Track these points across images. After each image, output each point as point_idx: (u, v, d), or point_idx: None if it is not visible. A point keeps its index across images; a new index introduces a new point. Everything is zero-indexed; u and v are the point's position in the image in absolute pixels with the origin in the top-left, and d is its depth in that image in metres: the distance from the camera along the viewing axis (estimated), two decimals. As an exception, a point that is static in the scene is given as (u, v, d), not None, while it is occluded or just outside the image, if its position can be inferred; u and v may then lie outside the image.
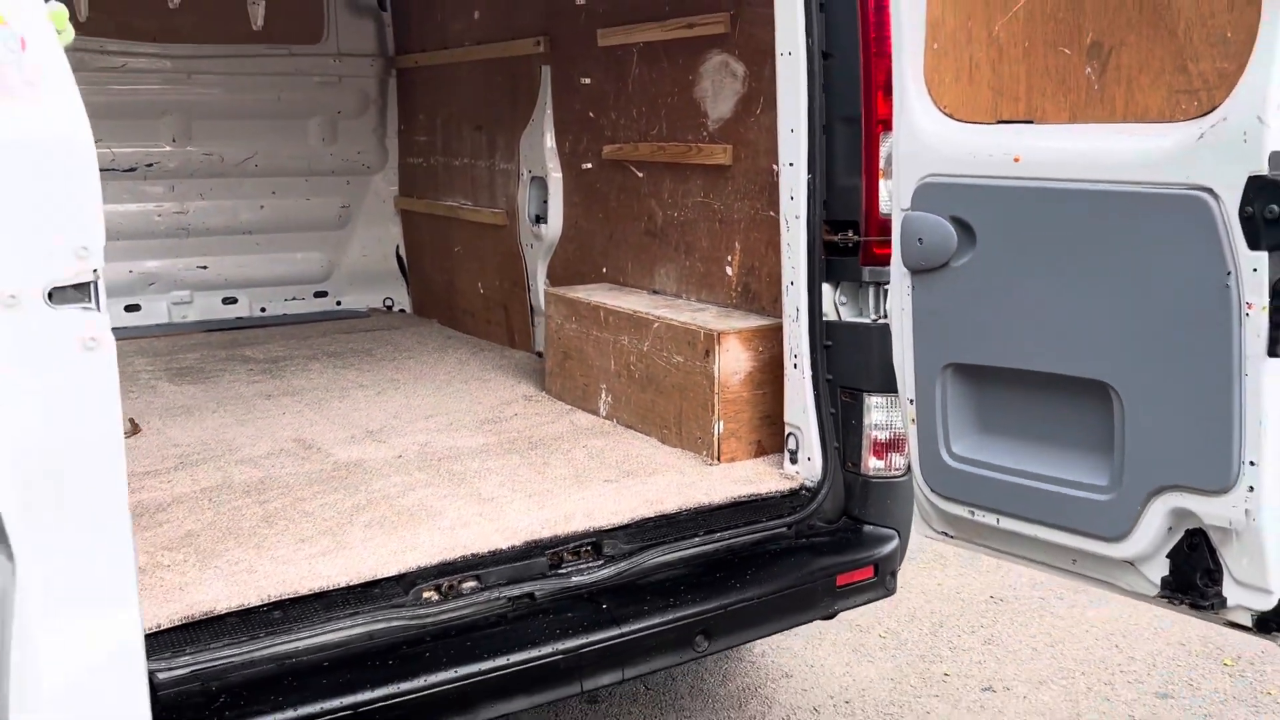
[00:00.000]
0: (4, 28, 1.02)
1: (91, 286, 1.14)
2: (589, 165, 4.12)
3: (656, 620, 2.48)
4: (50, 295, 1.12)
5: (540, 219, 4.38)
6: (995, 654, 3.59)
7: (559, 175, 4.30)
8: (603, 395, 3.63)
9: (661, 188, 3.74)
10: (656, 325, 3.34)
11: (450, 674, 2.22)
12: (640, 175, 3.84)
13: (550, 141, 4.31)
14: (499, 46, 4.48)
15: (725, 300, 3.47)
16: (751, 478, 2.99)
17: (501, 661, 2.27)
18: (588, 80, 4.07)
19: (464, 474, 3.03)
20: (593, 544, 2.61)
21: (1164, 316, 2.04)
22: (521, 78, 4.42)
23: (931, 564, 4.26)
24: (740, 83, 3.33)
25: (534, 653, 2.31)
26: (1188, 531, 2.11)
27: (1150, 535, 2.16)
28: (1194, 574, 2.11)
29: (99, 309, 1.13)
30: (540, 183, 4.37)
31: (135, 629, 1.51)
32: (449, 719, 2.23)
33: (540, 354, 4.45)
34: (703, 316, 3.31)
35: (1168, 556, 2.16)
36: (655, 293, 3.79)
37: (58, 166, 1.10)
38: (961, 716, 3.22)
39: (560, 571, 2.54)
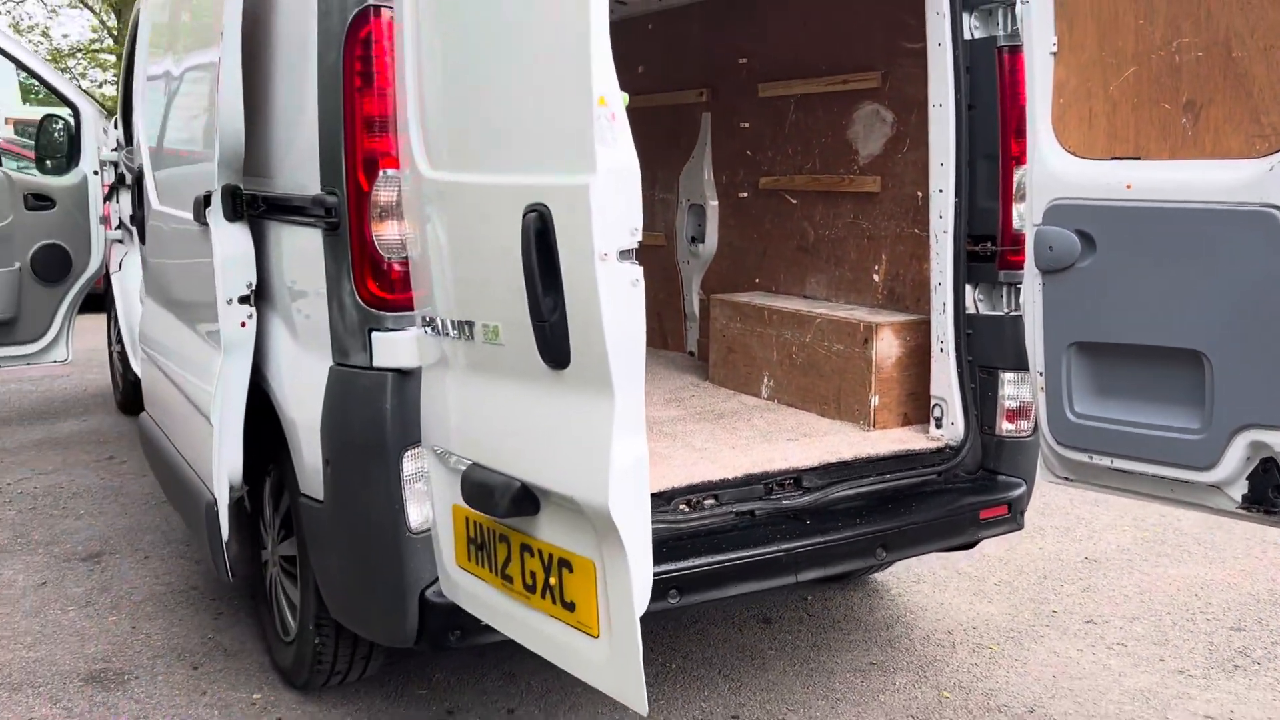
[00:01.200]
0: (604, 107, 1.85)
1: (634, 250, 1.97)
2: (745, 194, 4.95)
3: (848, 534, 3.26)
4: (620, 255, 1.95)
5: (696, 240, 5.22)
6: (1093, 598, 4.32)
7: (715, 203, 5.14)
8: (765, 381, 4.44)
9: (814, 211, 4.56)
10: (818, 320, 4.15)
11: (706, 560, 3.01)
12: (794, 201, 4.66)
13: (708, 175, 5.15)
14: (664, 96, 5.35)
15: (872, 302, 4.27)
16: (904, 439, 3.77)
17: (741, 554, 3.06)
18: (746, 124, 4.91)
19: (675, 433, 3.84)
20: (794, 478, 3.41)
21: (1243, 300, 2.80)
22: (683, 122, 5.27)
23: (1032, 534, 4.99)
24: (889, 126, 4.15)
25: (762, 550, 3.10)
26: (1263, 460, 2.85)
27: (1233, 464, 2.90)
28: (1267, 490, 2.85)
29: (637, 263, 1.96)
30: (698, 209, 5.21)
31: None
32: (707, 591, 3.01)
33: (692, 353, 5.27)
34: (857, 313, 4.11)
35: (1247, 479, 2.90)
36: (807, 297, 4.60)
37: (630, 183, 1.93)
38: (1069, 640, 3.95)
39: (772, 497, 3.33)
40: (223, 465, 3.16)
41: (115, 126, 6.72)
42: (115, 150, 6.66)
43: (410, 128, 2.52)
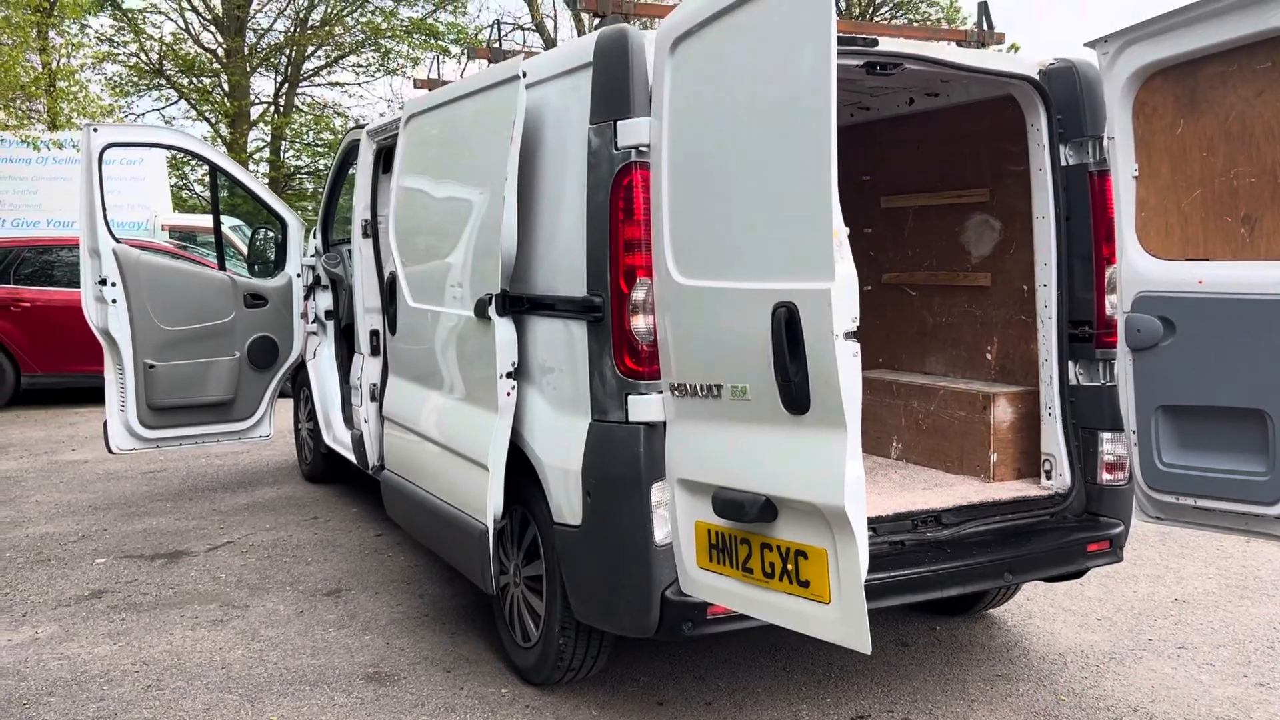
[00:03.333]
0: (837, 237, 2.81)
1: (855, 332, 2.94)
2: (869, 287, 5.88)
3: (982, 559, 4.08)
4: (846, 335, 2.91)
5: (825, 326, 6.14)
6: (1183, 630, 5.04)
7: (842, 295, 6.07)
8: (894, 443, 5.30)
9: (932, 301, 5.47)
10: (941, 391, 5.02)
11: (872, 576, 3.85)
12: (914, 294, 5.58)
13: (835, 271, 6.09)
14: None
15: (986, 377, 5.14)
16: (1020, 489, 4.60)
17: (899, 573, 3.90)
18: (869, 230, 5.86)
19: (828, 483, 4.71)
20: (934, 517, 4.25)
21: (1295, 367, 3.62)
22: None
23: (1127, 580, 5.72)
24: (997, 233, 5.07)
25: (915, 570, 3.94)
26: (1319, 495, 3.63)
27: (1294, 499, 3.69)
28: (1323, 520, 3.63)
29: (856, 341, 2.94)
30: (826, 300, 6.13)
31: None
32: (874, 600, 3.83)
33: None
34: (975, 385, 4.98)
35: (1307, 512, 3.68)
36: (927, 373, 5.48)
37: (853, 287, 2.87)
38: (1164, 660, 4.68)
39: (917, 531, 4.18)
40: (491, 502, 4.11)
41: (314, 236, 7.90)
42: (313, 256, 7.83)
43: (664, 247, 3.50)
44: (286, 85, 31.39)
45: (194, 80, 29.72)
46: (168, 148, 7.42)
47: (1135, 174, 4.29)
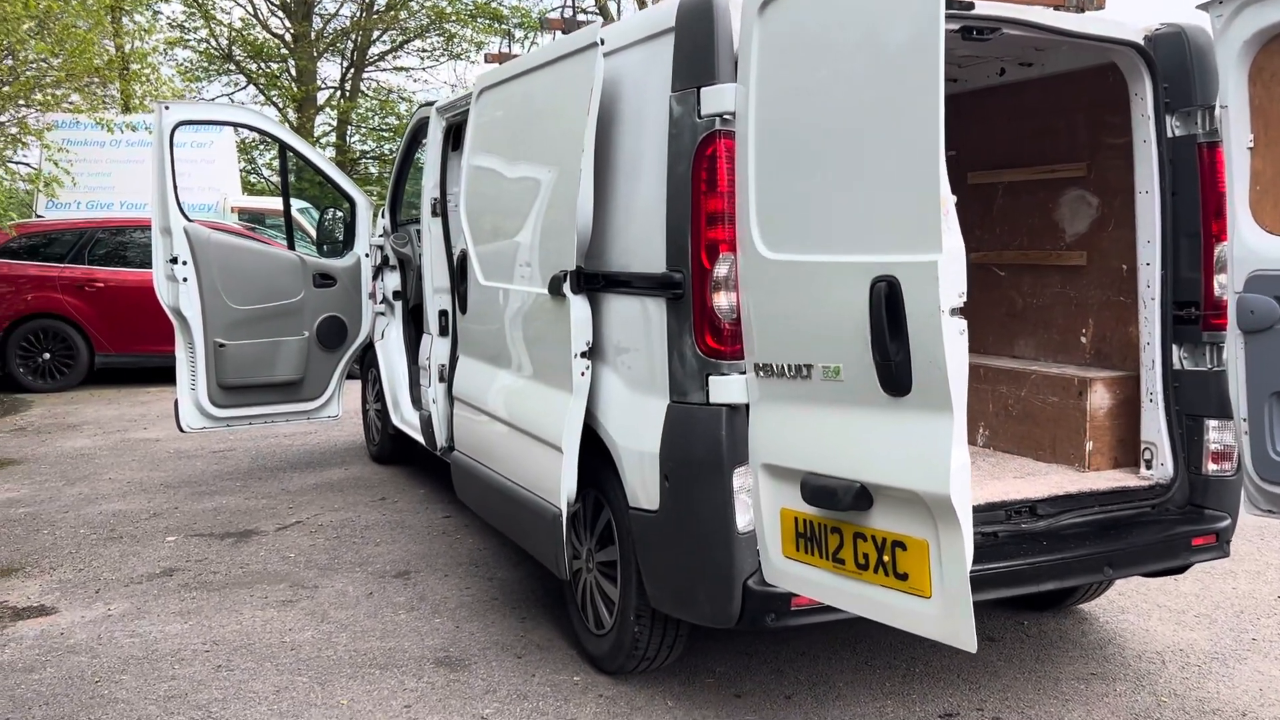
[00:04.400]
0: (947, 204, 2.62)
1: (961, 308, 2.75)
2: (953, 268, 5.64)
3: (1080, 552, 3.86)
4: (952, 311, 2.73)
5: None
6: (1291, 630, 4.77)
7: (923, 275, 5.84)
8: (980, 430, 5.08)
9: (1021, 282, 5.22)
10: (1033, 376, 4.79)
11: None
12: (1002, 274, 5.34)
13: (917, 251, 5.86)
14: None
15: (1080, 361, 4.89)
16: (1118, 478, 4.36)
17: (993, 565, 3.70)
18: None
19: (913, 470, 4.51)
20: (1028, 507, 4.03)
21: None
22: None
23: (1225, 576, 5.44)
24: (1094, 209, 4.81)
25: (1010, 563, 3.74)
26: None
27: None
28: None
29: (963, 317, 2.76)
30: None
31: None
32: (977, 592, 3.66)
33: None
34: (1069, 370, 4.74)
35: None
36: (1016, 357, 5.24)
37: (960, 259, 2.70)
38: (1272, 662, 4.42)
39: (1011, 522, 3.97)
40: (565, 485, 3.99)
41: (382, 216, 7.85)
42: (381, 236, 7.78)
43: (749, 220, 3.33)
44: (352, 70, 31.61)
45: (262, 65, 30.04)
46: (238, 126, 7.43)
47: (1250, 145, 4.03)
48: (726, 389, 3.48)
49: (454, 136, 6.58)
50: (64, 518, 6.71)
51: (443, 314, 6.51)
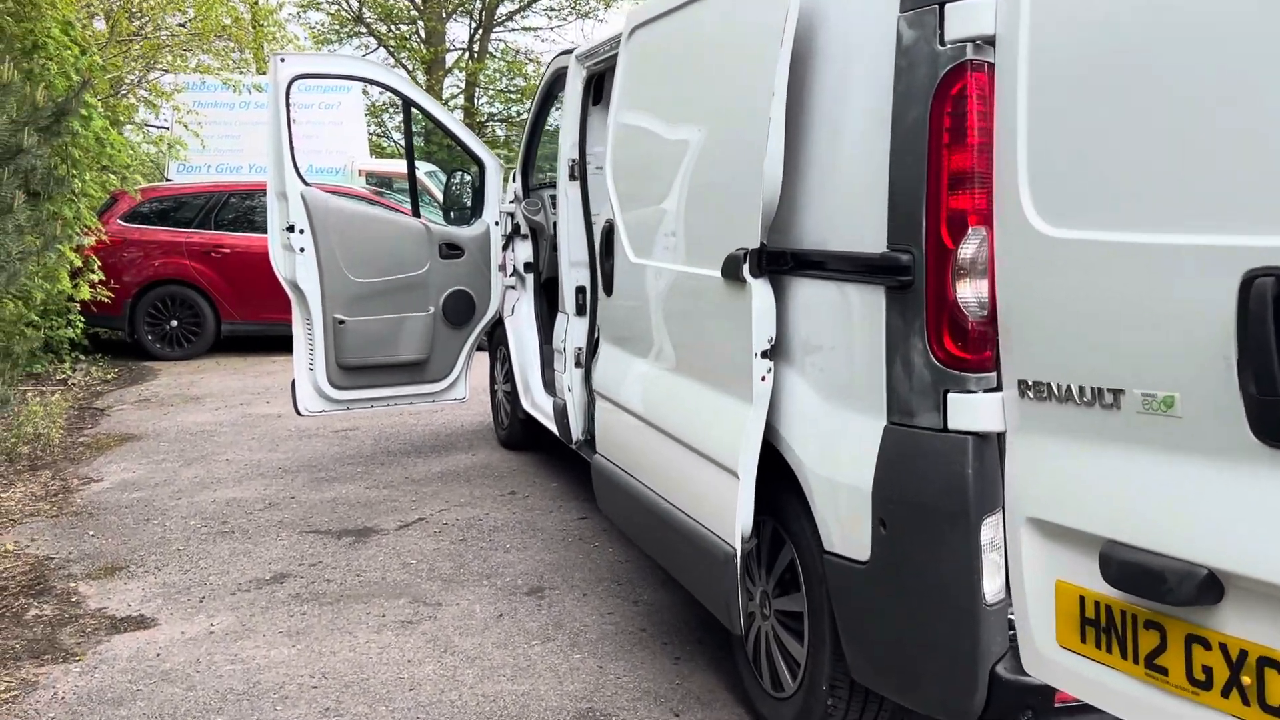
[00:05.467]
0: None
1: None
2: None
3: None
4: None
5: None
6: None
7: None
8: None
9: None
10: None
11: None
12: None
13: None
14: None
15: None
16: None
17: None
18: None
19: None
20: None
21: None
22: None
23: None
24: None
25: None
26: None
27: None
28: None
29: None
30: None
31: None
32: None
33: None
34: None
35: None
36: None
37: None
38: None
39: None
40: (739, 517, 3.18)
41: (513, 180, 7.13)
42: (512, 202, 7.07)
43: (1018, 182, 2.43)
44: (480, 31, 31.23)
45: (392, 27, 29.90)
46: (359, 80, 6.76)
47: None
48: (973, 411, 2.60)
49: (595, 88, 5.79)
50: (176, 506, 6.25)
51: (580, 291, 5.77)
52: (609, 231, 4.43)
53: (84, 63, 9.00)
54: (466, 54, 31.63)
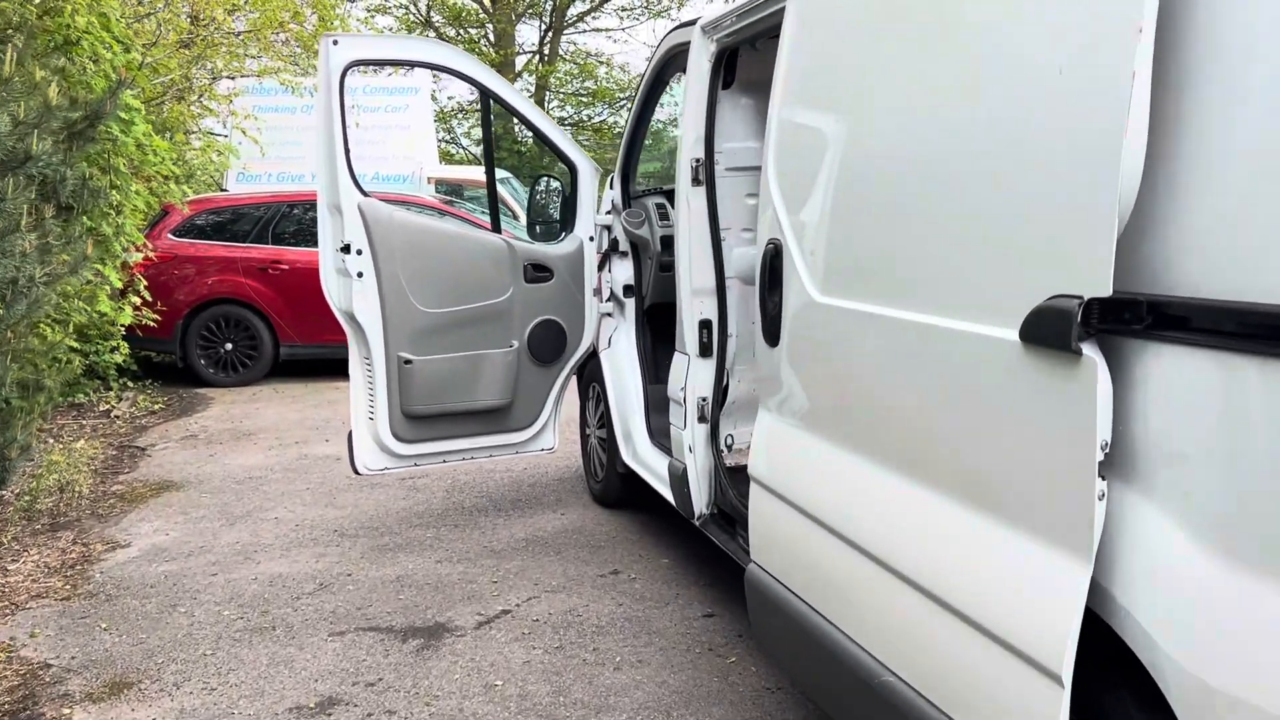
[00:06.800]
0: None
1: None
2: None
3: None
4: None
5: None
6: None
7: None
8: None
9: None
10: None
11: None
12: None
13: None
14: None
15: None
16: None
17: None
18: None
19: None
20: None
21: None
22: None
23: None
24: None
25: None
26: None
27: None
28: None
29: None
30: None
31: None
32: None
33: None
34: None
35: None
36: None
37: None
38: None
39: None
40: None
41: (610, 186, 5.94)
42: (609, 214, 5.87)
43: None
44: (551, 33, 30.29)
45: (461, 30, 29.10)
46: (428, 66, 5.57)
47: None
48: None
49: (727, 66, 4.57)
50: (210, 586, 5.14)
51: (705, 326, 4.57)
52: (774, 255, 3.18)
53: (121, 60, 8.00)
54: (536, 57, 30.73)
